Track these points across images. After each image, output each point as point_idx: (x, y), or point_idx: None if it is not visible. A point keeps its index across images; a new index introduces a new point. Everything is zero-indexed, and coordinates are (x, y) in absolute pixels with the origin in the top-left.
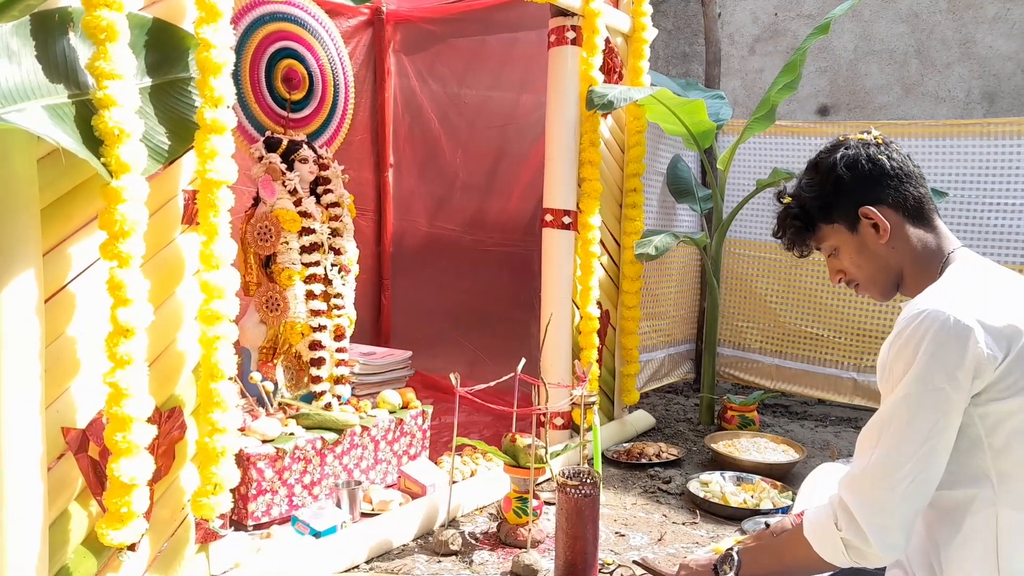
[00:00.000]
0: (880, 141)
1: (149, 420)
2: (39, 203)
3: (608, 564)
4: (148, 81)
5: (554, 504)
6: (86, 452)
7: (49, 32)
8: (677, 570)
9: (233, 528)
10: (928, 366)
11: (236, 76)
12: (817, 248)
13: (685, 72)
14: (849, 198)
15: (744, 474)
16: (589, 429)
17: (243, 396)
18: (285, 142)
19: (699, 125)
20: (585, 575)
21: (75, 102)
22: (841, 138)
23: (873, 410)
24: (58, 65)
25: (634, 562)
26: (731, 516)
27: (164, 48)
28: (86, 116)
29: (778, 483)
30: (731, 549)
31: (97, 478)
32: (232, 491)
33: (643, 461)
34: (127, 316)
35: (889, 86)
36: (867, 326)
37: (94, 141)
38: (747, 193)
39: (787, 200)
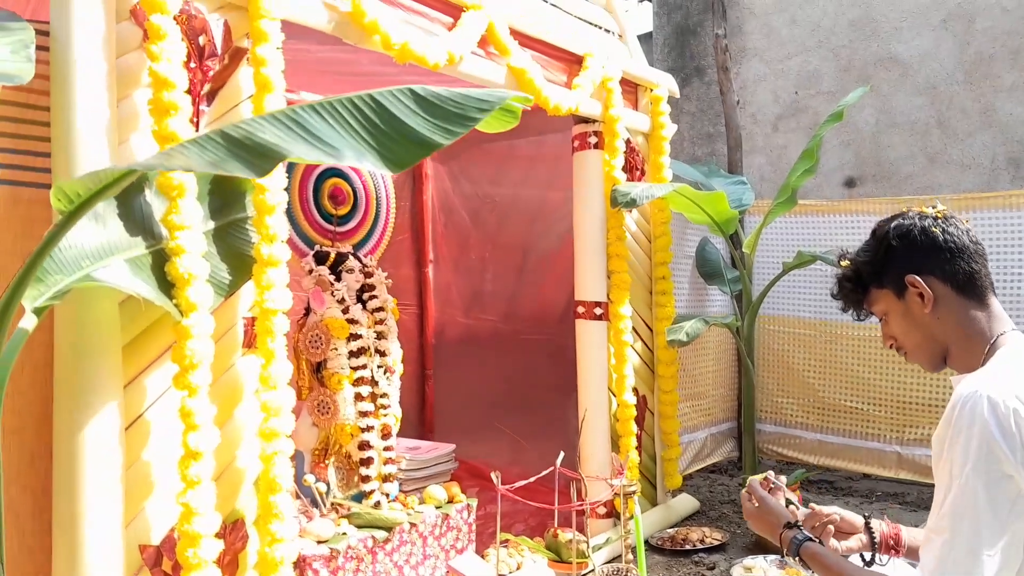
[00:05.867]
0: (940, 215)
1: (216, 535)
2: (120, 341)
3: None
4: (212, 224)
5: None
6: (160, 567)
7: (128, 191)
8: (752, 499)
9: None
10: (988, 454)
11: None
12: (870, 312)
13: (711, 151)
14: (898, 265)
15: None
16: (631, 518)
17: (297, 498)
18: (333, 255)
19: (722, 214)
20: None
21: (151, 252)
22: (906, 208)
23: (920, 484)
24: (136, 221)
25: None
26: None
27: (225, 194)
28: (160, 263)
29: None
30: (801, 535)
31: None
32: None
33: (687, 547)
34: (196, 441)
35: (913, 156)
36: (907, 398)
37: (167, 284)
38: (775, 272)
39: (845, 264)
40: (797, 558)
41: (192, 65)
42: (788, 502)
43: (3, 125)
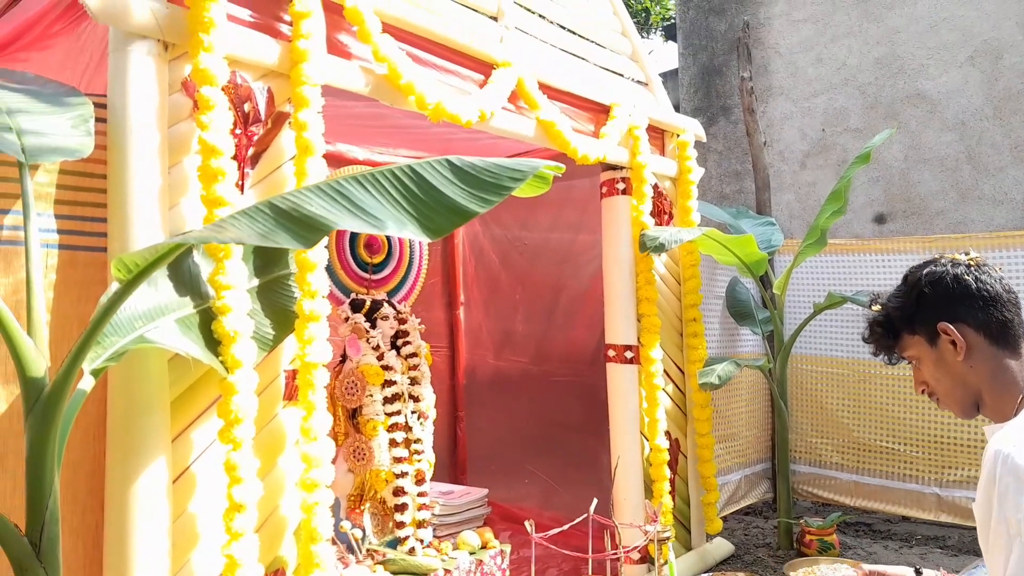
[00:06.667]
0: (973, 263)
1: None
2: (169, 397)
3: None
4: (256, 281)
5: None
6: None
7: (178, 254)
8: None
9: None
10: None
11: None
12: (901, 357)
13: (739, 189)
14: (930, 312)
15: None
16: (665, 564)
17: (334, 544)
18: (368, 302)
19: (750, 256)
20: None
21: (199, 311)
22: (939, 255)
23: (961, 527)
24: (185, 282)
25: None
26: None
27: (268, 252)
28: (207, 321)
29: None
30: None
31: None
32: None
33: None
34: (241, 493)
35: (944, 192)
36: (946, 438)
37: (213, 342)
38: (806, 311)
39: (876, 308)
40: None
41: (237, 131)
42: None
43: (61, 192)
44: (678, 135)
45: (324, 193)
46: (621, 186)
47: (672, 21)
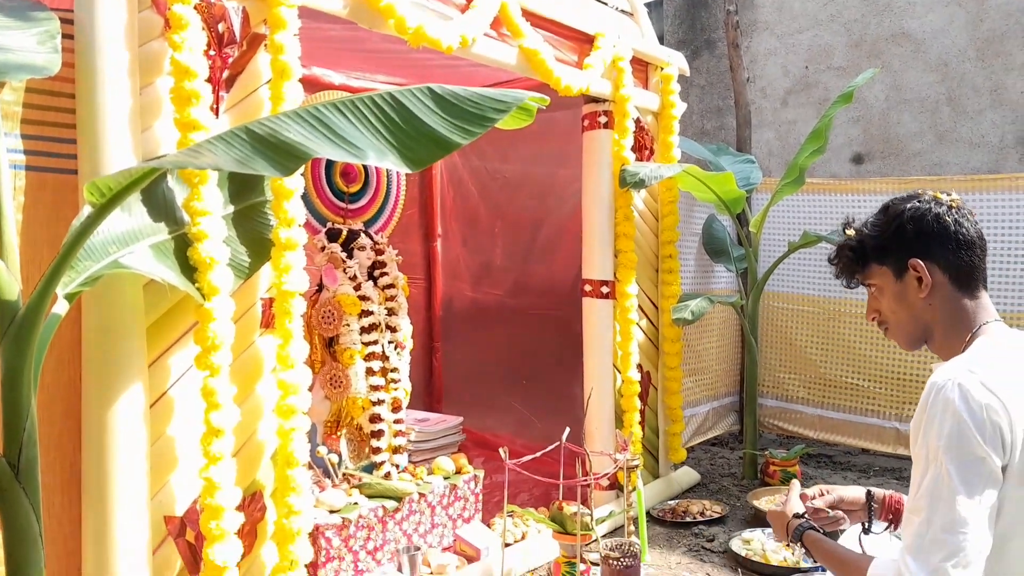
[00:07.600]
0: (954, 204)
1: (236, 507)
2: (145, 323)
3: None
4: (231, 208)
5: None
6: (184, 537)
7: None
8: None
9: None
10: (959, 437)
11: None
12: (862, 283)
13: (720, 125)
14: (905, 247)
15: None
16: (633, 491)
17: (311, 468)
18: (345, 232)
19: (729, 194)
20: None
21: (174, 237)
22: (920, 191)
23: None
24: (159, 207)
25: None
26: (772, 574)
27: (244, 178)
28: (183, 248)
29: None
30: (804, 524)
31: (194, 559)
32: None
33: (687, 519)
34: (218, 418)
35: (922, 133)
36: (907, 375)
37: (189, 268)
38: (781, 249)
39: (850, 232)
40: (800, 543)
41: (211, 52)
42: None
43: (28, 112)
44: (662, 68)
45: (303, 120)
46: (603, 119)
47: None
